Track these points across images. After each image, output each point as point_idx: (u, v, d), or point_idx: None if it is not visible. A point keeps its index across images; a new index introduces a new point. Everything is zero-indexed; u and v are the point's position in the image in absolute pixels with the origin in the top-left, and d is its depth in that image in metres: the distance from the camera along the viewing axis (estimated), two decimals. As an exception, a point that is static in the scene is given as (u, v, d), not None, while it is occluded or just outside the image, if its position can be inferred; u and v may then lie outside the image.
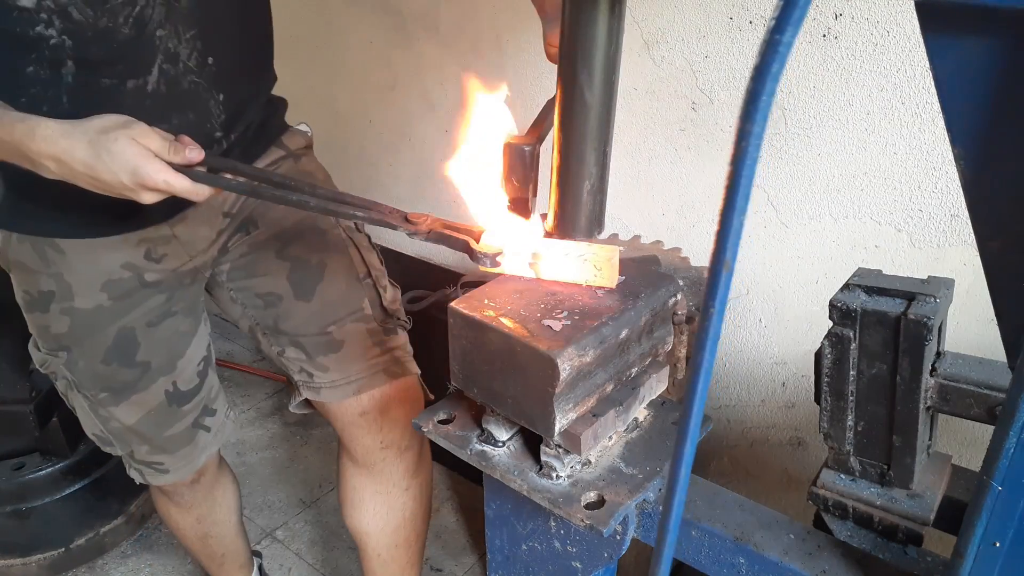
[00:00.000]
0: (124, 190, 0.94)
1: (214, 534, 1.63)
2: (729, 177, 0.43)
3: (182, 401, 1.35)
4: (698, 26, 1.54)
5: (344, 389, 1.34)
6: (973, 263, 1.36)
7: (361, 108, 2.31)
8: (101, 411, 1.31)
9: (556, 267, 0.94)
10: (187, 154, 0.95)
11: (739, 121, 0.41)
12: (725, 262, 0.46)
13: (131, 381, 1.29)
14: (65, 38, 1.01)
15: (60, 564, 1.98)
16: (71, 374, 1.28)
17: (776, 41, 0.39)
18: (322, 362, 1.33)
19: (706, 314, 0.48)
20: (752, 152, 0.42)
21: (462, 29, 1.96)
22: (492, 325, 0.86)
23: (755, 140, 0.41)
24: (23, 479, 1.92)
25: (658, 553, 0.58)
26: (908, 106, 1.36)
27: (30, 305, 1.25)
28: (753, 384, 1.75)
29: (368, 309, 1.34)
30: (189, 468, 1.42)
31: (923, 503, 0.89)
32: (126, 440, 1.35)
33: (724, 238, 0.45)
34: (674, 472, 0.53)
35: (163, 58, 1.08)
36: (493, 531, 1.15)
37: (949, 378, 0.86)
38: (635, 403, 0.97)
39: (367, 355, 1.33)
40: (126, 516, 2.10)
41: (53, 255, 1.20)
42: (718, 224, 0.45)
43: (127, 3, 1.02)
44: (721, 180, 0.43)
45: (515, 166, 0.90)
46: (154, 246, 1.25)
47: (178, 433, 1.37)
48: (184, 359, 1.34)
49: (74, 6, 1.00)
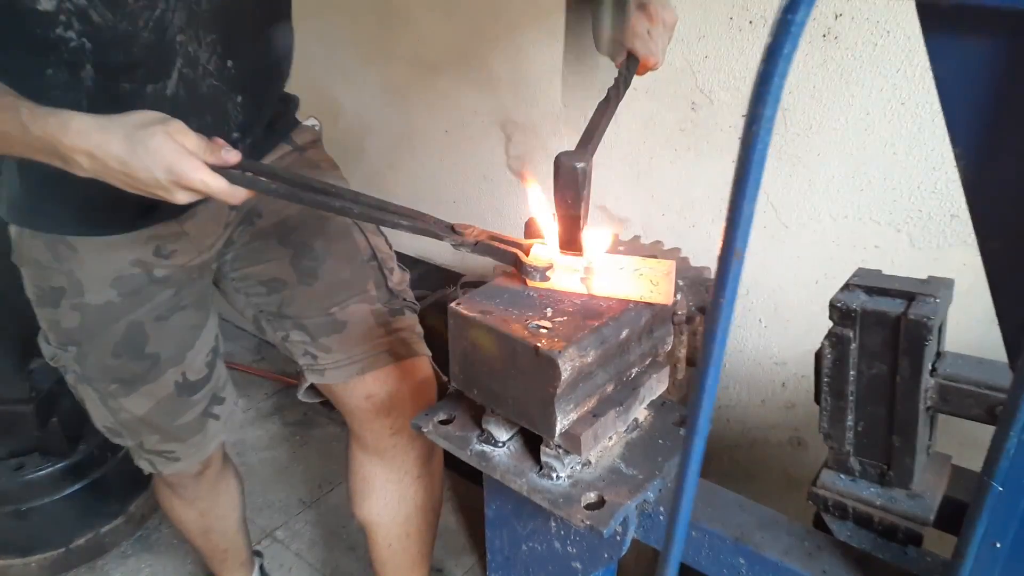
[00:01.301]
0: (158, 188, 0.92)
1: (216, 529, 1.63)
2: (740, 161, 0.42)
3: (192, 391, 1.36)
4: (698, 26, 1.54)
5: (348, 369, 1.31)
6: (973, 263, 1.36)
7: (361, 108, 2.31)
8: (111, 402, 1.33)
9: (609, 282, 0.89)
10: (224, 155, 0.93)
11: (750, 105, 0.40)
12: (736, 250, 0.44)
13: (141, 373, 1.30)
14: (85, 41, 1.00)
15: (60, 564, 1.98)
16: (81, 368, 1.30)
17: (788, 21, 0.38)
18: (325, 343, 1.31)
19: (716, 304, 0.47)
20: (764, 136, 0.41)
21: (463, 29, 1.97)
22: (492, 326, 0.86)
23: (767, 124, 0.40)
24: (23, 479, 1.92)
25: (665, 557, 0.58)
26: (908, 106, 1.36)
27: (41, 300, 1.26)
28: (753, 384, 1.75)
29: (373, 291, 1.31)
30: (199, 455, 1.43)
31: (923, 503, 0.89)
32: (136, 431, 1.37)
33: (735, 226, 0.44)
34: (685, 463, 0.53)
35: (183, 62, 1.07)
36: (493, 531, 1.15)
37: (949, 378, 0.86)
38: (635, 403, 0.97)
39: (372, 335, 1.30)
40: (126, 516, 2.10)
41: (65, 252, 1.21)
42: (728, 211, 0.43)
43: (147, 7, 1.01)
44: (721, 180, 0.43)
45: (567, 183, 0.84)
46: (164, 243, 1.26)
47: (189, 422, 1.38)
48: (193, 351, 1.35)
49: (93, 9, 0.98)
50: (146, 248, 1.25)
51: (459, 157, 2.12)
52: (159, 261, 1.26)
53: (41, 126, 0.89)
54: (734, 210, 0.43)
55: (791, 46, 0.39)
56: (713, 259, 0.55)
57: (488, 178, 2.04)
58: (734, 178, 0.42)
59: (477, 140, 2.06)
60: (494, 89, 1.95)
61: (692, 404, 0.53)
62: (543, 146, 1.90)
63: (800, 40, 0.39)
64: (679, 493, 0.55)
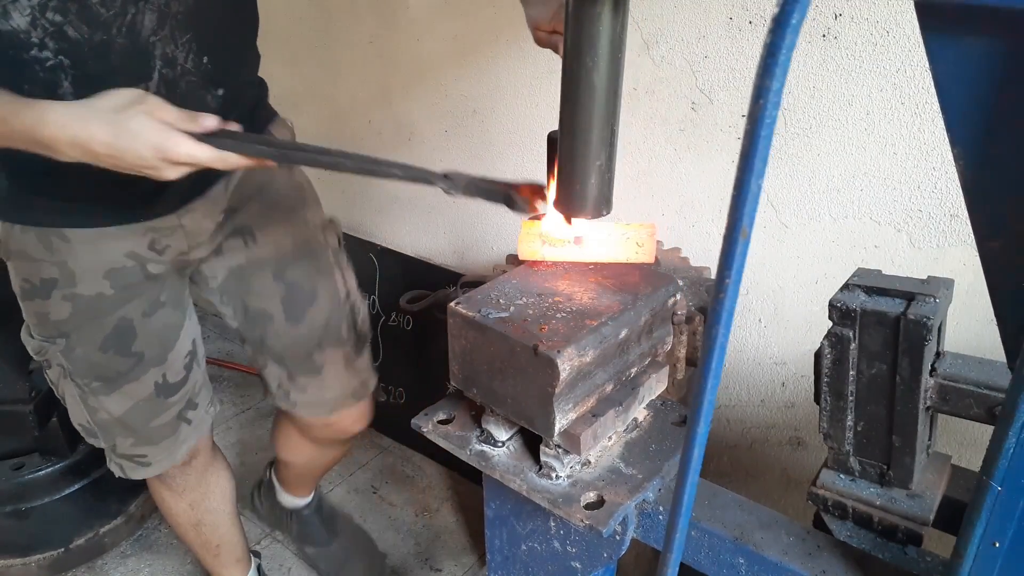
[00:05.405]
0: (146, 167, 0.92)
1: (207, 522, 1.64)
2: (747, 136, 0.41)
3: (169, 393, 1.37)
4: (698, 26, 1.54)
5: (318, 410, 1.51)
6: (973, 263, 1.36)
7: (361, 107, 2.31)
8: (91, 401, 1.33)
9: (600, 247, 0.99)
10: (203, 122, 0.93)
11: (757, 77, 0.40)
12: (742, 229, 0.44)
13: (124, 371, 1.31)
14: (62, 58, 1.00)
15: (60, 564, 1.98)
16: (67, 361, 1.29)
17: None
18: (302, 383, 1.46)
19: (721, 284, 0.46)
20: (771, 111, 0.40)
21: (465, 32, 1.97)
22: (492, 325, 0.86)
23: (774, 97, 0.40)
24: (23, 479, 1.92)
25: (665, 557, 0.58)
26: (908, 106, 1.36)
27: (29, 293, 1.26)
28: (753, 384, 1.75)
29: (345, 333, 1.47)
30: (169, 460, 1.44)
31: (923, 503, 0.89)
32: (111, 432, 1.37)
33: (741, 204, 0.43)
34: (685, 463, 0.53)
35: (161, 63, 1.08)
36: (493, 531, 1.15)
37: (949, 378, 0.86)
38: (635, 403, 0.97)
39: (341, 380, 1.48)
40: (126, 516, 2.10)
41: (59, 244, 1.21)
42: (734, 189, 0.43)
43: (119, 14, 1.01)
44: (721, 180, 0.43)
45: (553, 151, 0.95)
46: (159, 236, 1.27)
47: (162, 424, 1.39)
48: (174, 352, 1.37)
49: (70, 24, 0.98)
50: (142, 241, 1.25)
51: (458, 157, 2.12)
52: (152, 255, 1.27)
53: (21, 120, 0.90)
54: (741, 188, 0.43)
55: (799, 15, 0.38)
56: (713, 259, 0.55)
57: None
58: (740, 154, 0.42)
59: (476, 138, 2.06)
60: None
61: (692, 404, 0.53)
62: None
63: (808, 9, 0.39)
64: (679, 493, 0.55)
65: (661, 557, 0.61)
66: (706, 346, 0.49)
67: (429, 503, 2.22)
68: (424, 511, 2.19)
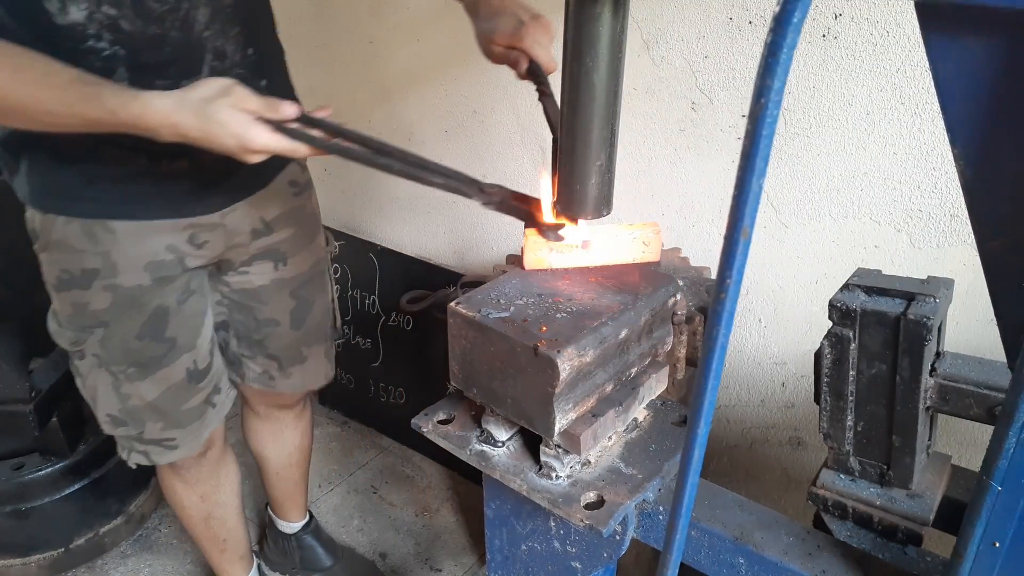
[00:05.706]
0: (231, 153, 1.00)
1: (217, 515, 1.67)
2: (748, 135, 0.41)
3: (199, 378, 1.43)
4: (698, 26, 1.54)
5: (296, 388, 1.64)
6: (973, 263, 1.36)
7: (361, 107, 2.31)
8: (125, 388, 1.36)
9: (607, 250, 1.00)
10: (283, 110, 1.00)
11: (758, 76, 0.40)
12: (743, 228, 0.44)
13: (158, 356, 1.35)
14: (118, 48, 1.08)
15: (60, 564, 1.98)
16: (103, 350, 1.33)
17: None
18: (290, 371, 1.59)
19: (722, 285, 0.46)
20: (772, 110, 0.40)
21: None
22: (492, 326, 0.86)
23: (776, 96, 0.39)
24: (23, 479, 1.92)
25: (665, 557, 0.58)
26: (908, 106, 1.36)
27: (67, 284, 1.28)
28: (753, 384, 1.75)
29: (329, 331, 1.65)
30: (195, 443, 1.49)
31: (923, 503, 0.89)
32: (141, 419, 1.40)
33: (742, 203, 0.43)
34: (685, 463, 0.53)
35: (212, 56, 1.16)
36: (493, 531, 1.15)
37: (949, 378, 0.86)
38: (635, 403, 0.97)
39: (320, 366, 1.64)
40: (126, 516, 2.10)
41: (103, 235, 1.25)
42: (735, 188, 0.42)
43: (173, 9, 1.09)
44: (721, 180, 0.43)
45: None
46: (200, 232, 1.32)
47: (191, 408, 1.44)
48: (201, 337, 1.42)
49: (124, 18, 1.06)
50: (182, 235, 1.30)
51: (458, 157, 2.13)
52: (192, 250, 1.32)
53: (128, 111, 0.98)
54: (742, 186, 0.42)
55: (801, 14, 0.38)
56: (713, 259, 0.55)
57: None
58: (743, 144, 0.42)
59: (476, 138, 2.06)
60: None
61: (692, 404, 0.53)
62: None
63: (808, 10, 0.39)
64: (679, 493, 0.55)
65: (661, 557, 0.61)
66: (706, 346, 0.49)
67: (429, 503, 2.22)
68: (424, 511, 2.19)
